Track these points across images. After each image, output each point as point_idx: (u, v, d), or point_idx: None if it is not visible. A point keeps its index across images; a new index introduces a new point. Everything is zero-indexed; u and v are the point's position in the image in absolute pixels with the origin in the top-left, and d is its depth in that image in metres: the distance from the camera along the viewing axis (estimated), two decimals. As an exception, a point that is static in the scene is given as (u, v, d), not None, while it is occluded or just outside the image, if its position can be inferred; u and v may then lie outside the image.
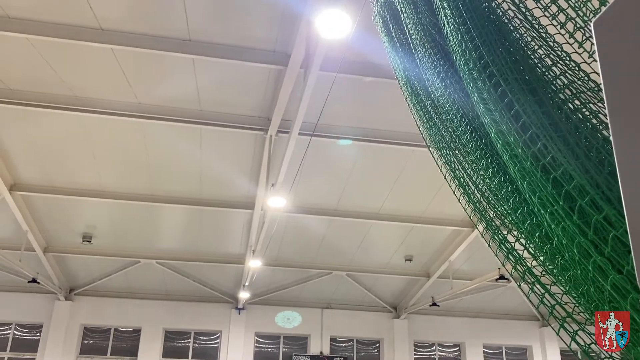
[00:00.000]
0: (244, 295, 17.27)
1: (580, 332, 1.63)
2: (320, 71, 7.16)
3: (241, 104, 9.72)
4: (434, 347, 19.83)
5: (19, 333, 17.64)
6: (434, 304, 16.98)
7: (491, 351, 20.02)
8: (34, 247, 14.38)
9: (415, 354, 19.44)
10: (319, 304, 19.15)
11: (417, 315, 19.36)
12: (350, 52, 7.69)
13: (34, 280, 15.00)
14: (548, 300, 1.57)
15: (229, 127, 10.08)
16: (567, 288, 1.57)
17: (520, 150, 1.30)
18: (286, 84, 8.06)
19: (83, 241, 14.88)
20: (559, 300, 1.59)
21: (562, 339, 1.64)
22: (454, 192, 2.29)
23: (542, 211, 1.26)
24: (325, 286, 18.02)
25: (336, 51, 7.13)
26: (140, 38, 7.94)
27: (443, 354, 19.84)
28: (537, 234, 1.46)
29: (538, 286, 1.67)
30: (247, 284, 16.00)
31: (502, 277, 14.40)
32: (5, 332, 17.55)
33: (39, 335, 17.46)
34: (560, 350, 19.82)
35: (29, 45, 8.18)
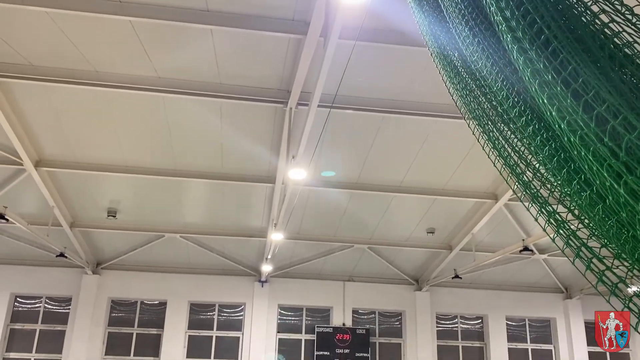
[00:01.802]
0: (266, 268, 17.43)
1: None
2: (340, 39, 7.01)
3: (260, 76, 9.62)
4: (457, 320, 19.85)
5: (49, 306, 18.16)
6: (457, 277, 16.91)
7: (514, 323, 19.96)
8: (61, 222, 14.67)
9: (437, 326, 19.50)
10: (341, 277, 19.25)
11: (439, 288, 19.35)
12: (371, 19, 7.50)
13: (61, 255, 15.34)
14: (596, 266, 1.48)
15: (248, 100, 10.02)
16: (612, 244, 1.48)
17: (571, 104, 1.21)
18: (305, 53, 7.92)
19: (108, 216, 15.11)
20: (609, 265, 1.49)
21: (612, 306, 1.55)
22: (494, 164, 2.19)
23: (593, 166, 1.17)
24: (347, 259, 18.09)
25: (356, 18, 6.96)
26: (158, 9, 7.86)
27: (465, 326, 19.85)
28: (584, 193, 1.37)
29: (584, 250, 1.57)
30: (269, 257, 16.12)
31: (526, 249, 14.24)
32: (36, 305, 18.07)
33: (69, 308, 17.95)
34: (585, 322, 19.66)
35: (48, 20, 8.17)
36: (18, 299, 18.04)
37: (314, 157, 10.92)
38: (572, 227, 1.63)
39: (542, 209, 1.69)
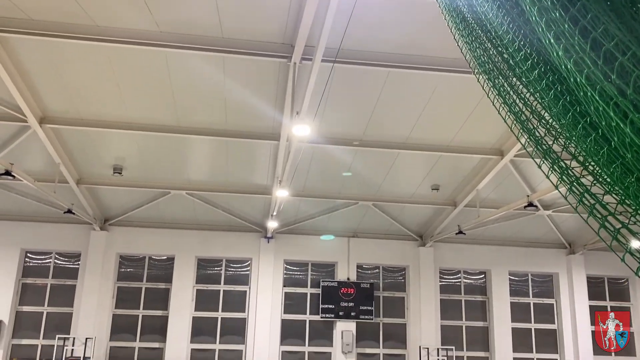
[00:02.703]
0: (272, 224, 17.60)
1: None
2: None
3: (264, 30, 9.44)
4: (460, 275, 20.13)
5: (59, 261, 18.51)
6: (460, 232, 17.04)
7: (517, 278, 20.23)
8: (67, 179, 14.77)
9: (440, 281, 19.80)
10: (346, 233, 19.45)
11: (443, 244, 19.55)
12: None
13: (69, 211, 15.51)
14: (598, 211, 1.46)
15: (251, 55, 9.86)
16: (616, 189, 1.46)
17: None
18: (309, 5, 7.73)
19: (114, 173, 15.19)
20: (613, 211, 1.47)
21: (623, 260, 1.55)
22: (504, 120, 2.15)
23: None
24: (351, 216, 18.22)
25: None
26: (158, -40, 7.65)
27: (468, 281, 20.15)
28: (589, 137, 1.35)
29: (588, 197, 1.55)
30: (274, 214, 16.25)
31: (530, 205, 14.28)
32: (46, 261, 18.43)
33: (78, 264, 18.30)
34: (587, 277, 19.92)
35: (45, -28, 7.98)
36: (28, 254, 18.38)
37: (318, 113, 10.84)
38: (576, 173, 1.61)
39: (547, 156, 1.67)
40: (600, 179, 1.63)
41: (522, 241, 19.94)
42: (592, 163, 1.55)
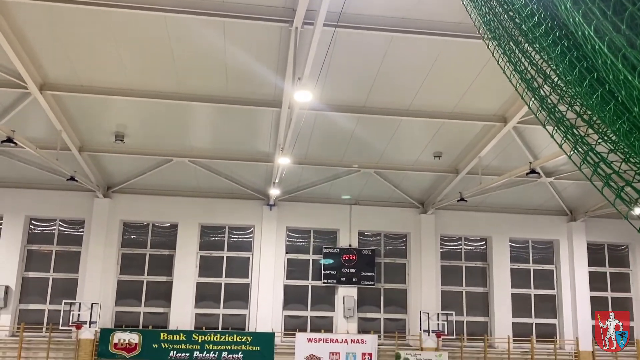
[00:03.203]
0: (274, 192, 17.65)
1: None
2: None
3: (265, -7, 9.28)
4: (460, 241, 20.29)
5: (63, 228, 18.68)
6: (462, 200, 17.09)
7: (517, 245, 20.40)
8: (69, 147, 14.77)
9: (441, 248, 19.97)
10: (348, 200, 19.53)
11: (444, 211, 19.63)
12: None
13: (72, 179, 15.56)
14: (603, 170, 1.46)
15: (252, 20, 9.72)
16: (621, 145, 1.46)
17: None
18: (312, -32, 7.57)
19: (116, 140, 15.17)
20: (617, 169, 1.47)
21: (626, 217, 1.55)
22: (509, 80, 2.12)
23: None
24: (353, 183, 18.26)
25: None
26: None
27: (469, 247, 20.32)
28: (595, 93, 1.33)
29: (592, 155, 1.54)
30: (276, 181, 16.28)
31: (532, 172, 14.27)
32: (51, 228, 18.60)
33: (82, 231, 18.46)
34: (587, 244, 20.07)
35: None
36: (33, 221, 18.53)
37: (320, 79, 10.74)
38: (581, 132, 1.61)
39: (552, 115, 1.66)
40: (605, 138, 1.63)
41: (523, 208, 20.01)
42: (598, 121, 1.54)
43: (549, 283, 20.26)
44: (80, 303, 17.30)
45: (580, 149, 1.58)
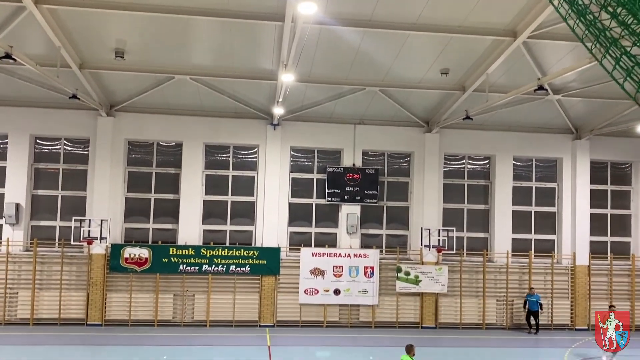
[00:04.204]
0: (278, 111, 17.53)
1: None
2: None
3: None
4: (464, 160, 20.37)
5: (69, 147, 18.77)
6: (467, 118, 16.96)
7: (520, 163, 20.48)
8: (70, 64, 14.52)
9: (444, 167, 20.09)
10: (352, 120, 19.42)
11: (449, 130, 19.56)
12: None
13: (74, 97, 15.42)
14: (625, 63, 1.42)
15: None
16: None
17: None
18: None
19: (116, 57, 14.89)
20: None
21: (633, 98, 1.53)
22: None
23: None
24: (358, 102, 18.06)
25: None
26: None
27: (472, 166, 20.43)
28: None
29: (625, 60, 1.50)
30: (280, 100, 16.10)
31: (540, 88, 14.05)
32: (56, 147, 18.68)
33: (88, 150, 18.56)
34: (591, 162, 20.14)
35: None
36: (38, 140, 18.59)
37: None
38: (613, 33, 1.55)
39: (582, 18, 1.58)
40: (630, 30, 1.57)
41: (529, 126, 19.91)
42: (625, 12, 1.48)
43: (550, 201, 20.55)
44: (90, 220, 17.74)
45: (612, 54, 1.53)
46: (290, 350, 15.43)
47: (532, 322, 18.84)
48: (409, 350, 9.94)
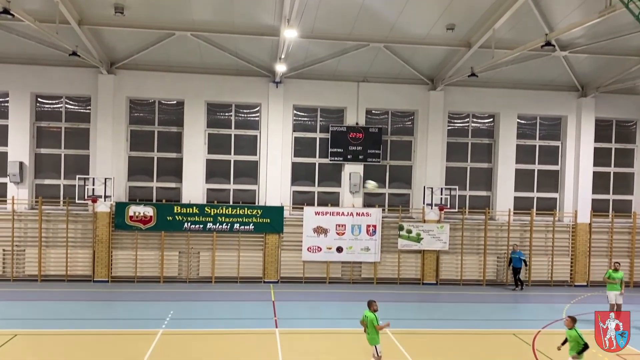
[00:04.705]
0: (280, 68, 17.30)
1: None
2: None
3: None
4: (468, 118, 20.23)
5: (70, 106, 18.64)
6: (473, 75, 16.74)
7: (525, 122, 20.35)
8: (68, 20, 14.28)
9: (448, 125, 19.98)
10: (356, 78, 19.20)
11: (454, 87, 19.36)
12: None
13: (74, 54, 15.22)
14: None
15: None
16: None
17: None
18: None
19: (115, 13, 14.62)
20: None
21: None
22: None
23: None
24: (361, 59, 17.81)
25: None
26: None
27: (476, 124, 20.31)
28: None
29: None
30: (283, 56, 15.87)
31: (547, 44, 13.81)
32: (58, 105, 18.56)
33: (89, 108, 18.45)
34: (596, 120, 20.01)
35: None
36: (39, 99, 18.46)
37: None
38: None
39: None
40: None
41: (534, 84, 19.69)
42: None
43: (554, 159, 20.52)
44: (93, 178, 17.80)
45: None
46: (294, 305, 15.73)
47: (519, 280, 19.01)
48: (370, 305, 9.87)
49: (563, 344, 9.21)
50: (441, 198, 19.10)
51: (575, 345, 8.81)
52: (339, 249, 18.95)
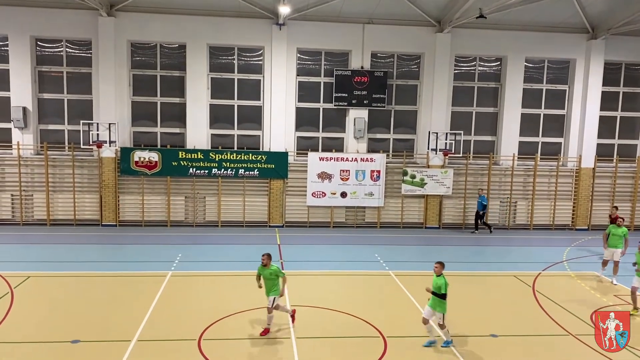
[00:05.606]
0: (284, 10, 16.89)
1: None
2: None
3: None
4: (475, 62, 19.88)
5: (71, 50, 18.35)
6: (481, 16, 16.32)
7: (532, 65, 20.00)
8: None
9: (455, 69, 19.66)
10: (361, 19, 18.75)
11: (461, 29, 18.92)
12: None
13: (73, -5, 14.84)
14: None
15: None
16: None
17: None
18: None
19: (113, -49, 14.14)
20: None
21: None
22: None
23: None
24: (367, -1, 17.35)
25: None
26: None
27: (483, 68, 19.98)
28: None
29: None
30: (286, -3, 15.46)
31: (560, -17, 13.36)
32: (58, 49, 18.27)
33: (90, 52, 18.16)
34: (605, 63, 19.64)
35: None
36: (39, 42, 18.15)
37: None
38: None
39: None
40: None
41: (543, 26, 19.21)
42: None
43: (560, 103, 20.31)
44: (97, 123, 17.76)
45: None
46: (299, 248, 16.03)
47: (481, 223, 19.11)
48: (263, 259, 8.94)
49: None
50: (446, 143, 19.06)
51: (437, 290, 8.48)
52: (343, 194, 19.11)
